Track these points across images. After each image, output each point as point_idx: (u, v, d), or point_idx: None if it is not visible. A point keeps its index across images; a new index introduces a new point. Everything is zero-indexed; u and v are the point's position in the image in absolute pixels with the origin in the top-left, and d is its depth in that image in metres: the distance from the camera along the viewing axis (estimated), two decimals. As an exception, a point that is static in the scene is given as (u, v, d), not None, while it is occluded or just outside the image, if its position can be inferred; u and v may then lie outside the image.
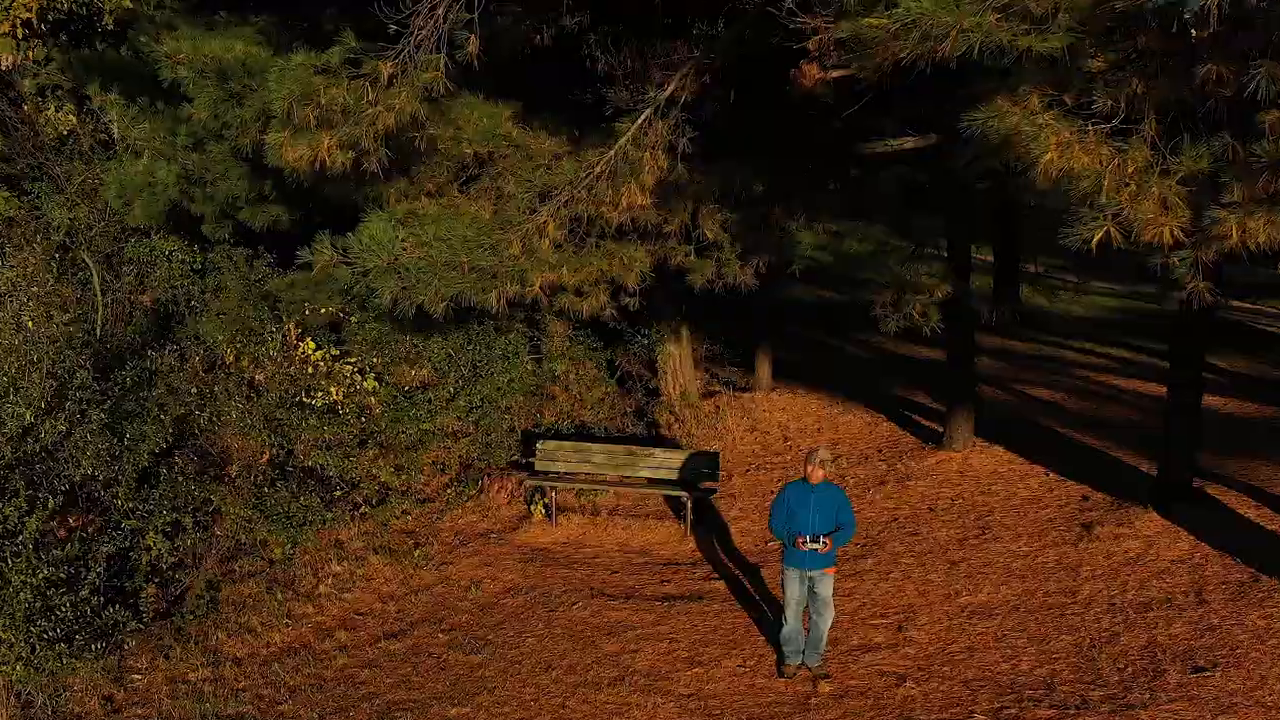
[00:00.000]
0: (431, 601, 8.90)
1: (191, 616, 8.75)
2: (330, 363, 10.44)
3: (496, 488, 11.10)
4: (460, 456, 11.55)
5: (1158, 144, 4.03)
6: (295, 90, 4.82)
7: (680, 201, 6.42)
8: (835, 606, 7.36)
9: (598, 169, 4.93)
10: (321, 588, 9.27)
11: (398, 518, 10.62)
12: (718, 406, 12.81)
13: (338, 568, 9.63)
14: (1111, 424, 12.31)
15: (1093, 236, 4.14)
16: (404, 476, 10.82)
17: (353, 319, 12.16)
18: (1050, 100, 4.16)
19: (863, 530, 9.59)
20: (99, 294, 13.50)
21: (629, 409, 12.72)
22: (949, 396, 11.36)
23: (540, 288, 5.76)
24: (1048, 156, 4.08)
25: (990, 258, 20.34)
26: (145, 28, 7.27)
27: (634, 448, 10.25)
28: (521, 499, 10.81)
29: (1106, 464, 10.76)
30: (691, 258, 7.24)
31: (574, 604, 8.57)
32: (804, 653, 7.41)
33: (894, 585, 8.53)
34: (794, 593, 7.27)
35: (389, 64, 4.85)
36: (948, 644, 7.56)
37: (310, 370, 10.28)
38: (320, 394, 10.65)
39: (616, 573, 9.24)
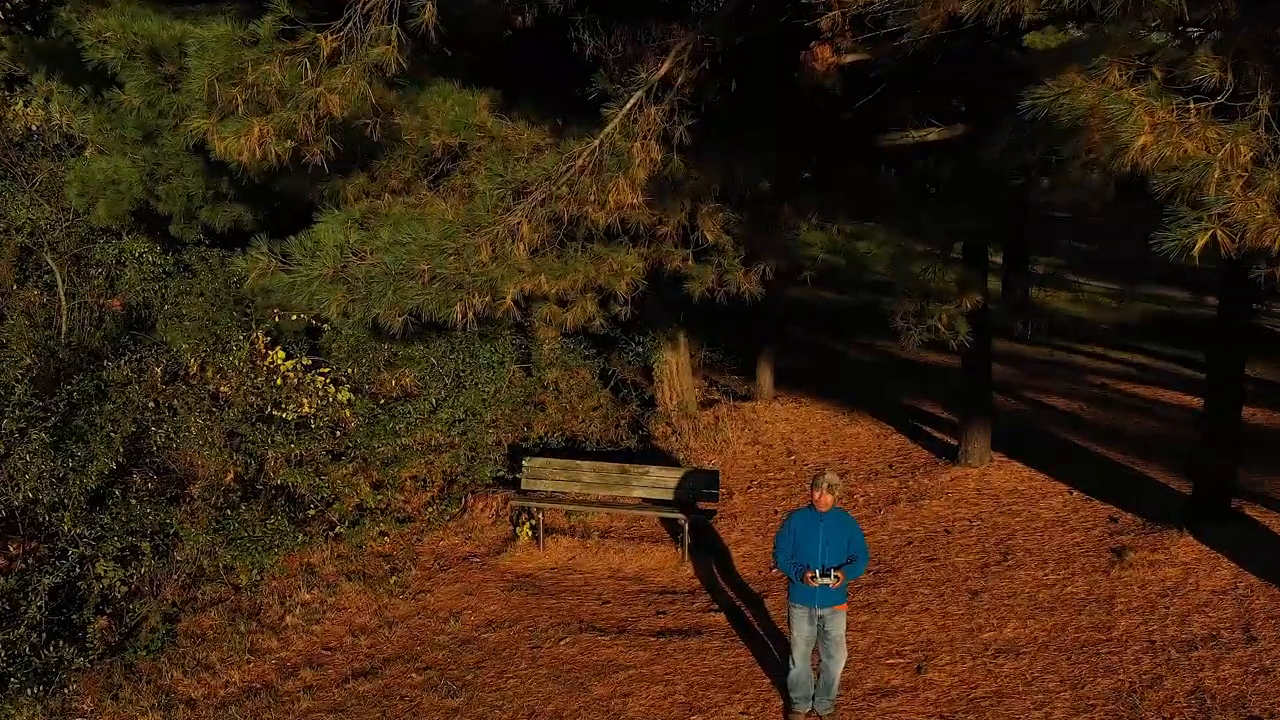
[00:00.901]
0: (407, 635, 8.17)
1: (144, 652, 8.03)
2: (301, 373, 9.71)
3: (481, 506, 10.38)
4: (444, 472, 10.84)
5: (1272, 125, 3.32)
6: (218, 66, 4.09)
7: (676, 200, 5.70)
8: (847, 643, 6.66)
9: (580, 161, 4.23)
10: (289, 618, 8.55)
11: (374, 539, 9.91)
12: (717, 417, 12.11)
13: (307, 595, 8.91)
14: (1135, 436, 11.60)
15: (1195, 242, 3.38)
16: (382, 494, 10.11)
17: (327, 325, 11.45)
18: (1136, 73, 3.44)
19: (875, 555, 8.87)
20: (62, 298, 12.79)
21: (623, 420, 12.00)
22: (964, 408, 10.65)
23: (515, 299, 5.05)
24: (1140, 141, 3.35)
25: (999, 259, 19.70)
26: (73, 3, 6.55)
27: (627, 465, 9.53)
28: (507, 518, 10.09)
29: (1133, 480, 10.06)
30: (690, 263, 6.53)
31: (561, 639, 7.85)
32: (814, 699, 6.70)
33: (911, 619, 7.82)
34: (802, 632, 6.57)
35: (331, 37, 4.12)
36: (972, 688, 6.85)
37: (280, 381, 9.55)
38: (291, 406, 9.92)
39: (608, 603, 8.52)
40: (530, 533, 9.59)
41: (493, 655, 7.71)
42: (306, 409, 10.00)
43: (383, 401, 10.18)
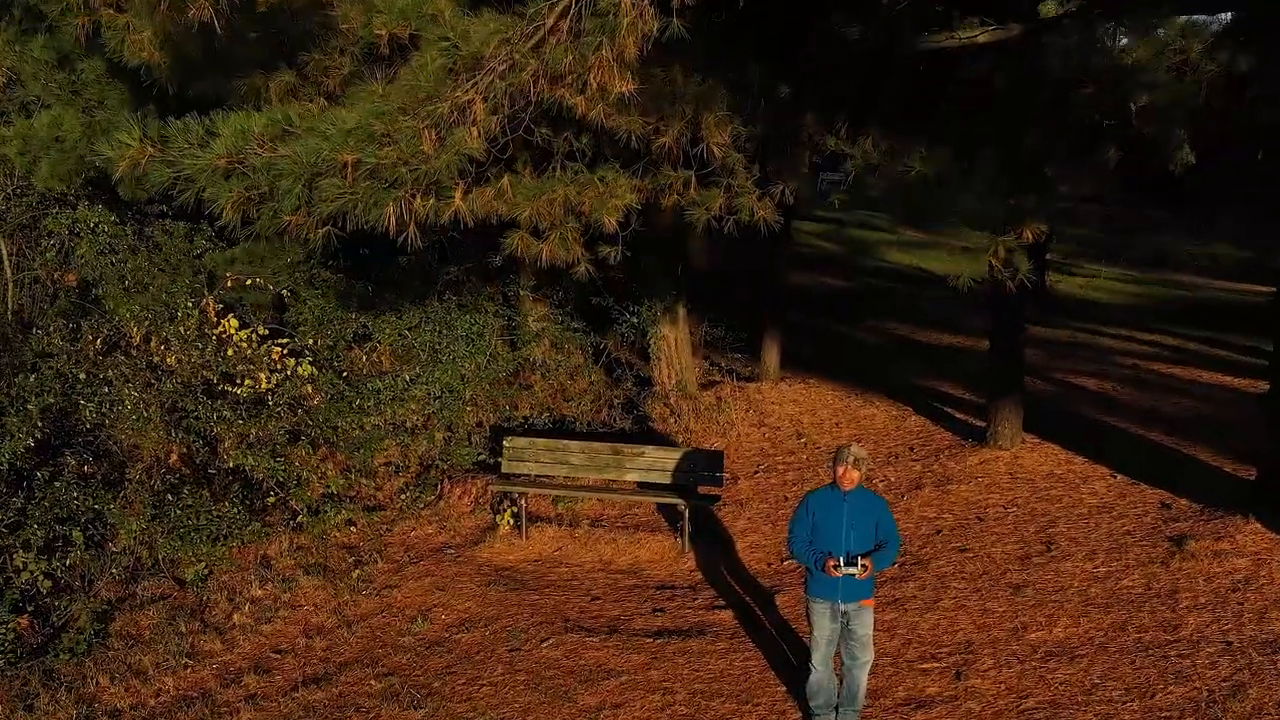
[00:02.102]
0: (368, 636, 7.16)
1: (68, 655, 7.02)
2: (256, 344, 8.69)
3: (459, 493, 9.38)
4: (420, 457, 9.84)
5: None
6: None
7: (676, 106, 4.71)
8: (874, 645, 5.67)
9: (550, 20, 3.27)
10: (236, 617, 7.55)
11: (340, 529, 8.91)
12: (719, 398, 11.10)
13: (259, 591, 7.90)
14: (1176, 417, 10.62)
15: None
16: (350, 480, 9.11)
17: (288, 293, 10.45)
18: None
19: (906, 545, 7.88)
20: (9, 272, 11.78)
21: (616, 400, 11.00)
22: (993, 386, 9.65)
23: (476, 214, 4.07)
24: None
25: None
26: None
27: (620, 446, 8.53)
28: (487, 505, 9.09)
29: (1181, 463, 9.07)
30: (693, 190, 5.52)
31: (544, 641, 6.84)
32: (838, 709, 5.71)
33: (945, 617, 6.82)
34: (823, 631, 5.57)
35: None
36: (1022, 697, 5.85)
37: (231, 353, 8.53)
38: (247, 381, 8.90)
39: (598, 599, 7.52)
40: (512, 521, 8.58)
41: (464, 659, 6.71)
42: (264, 384, 8.99)
43: (346, 375, 9.17)
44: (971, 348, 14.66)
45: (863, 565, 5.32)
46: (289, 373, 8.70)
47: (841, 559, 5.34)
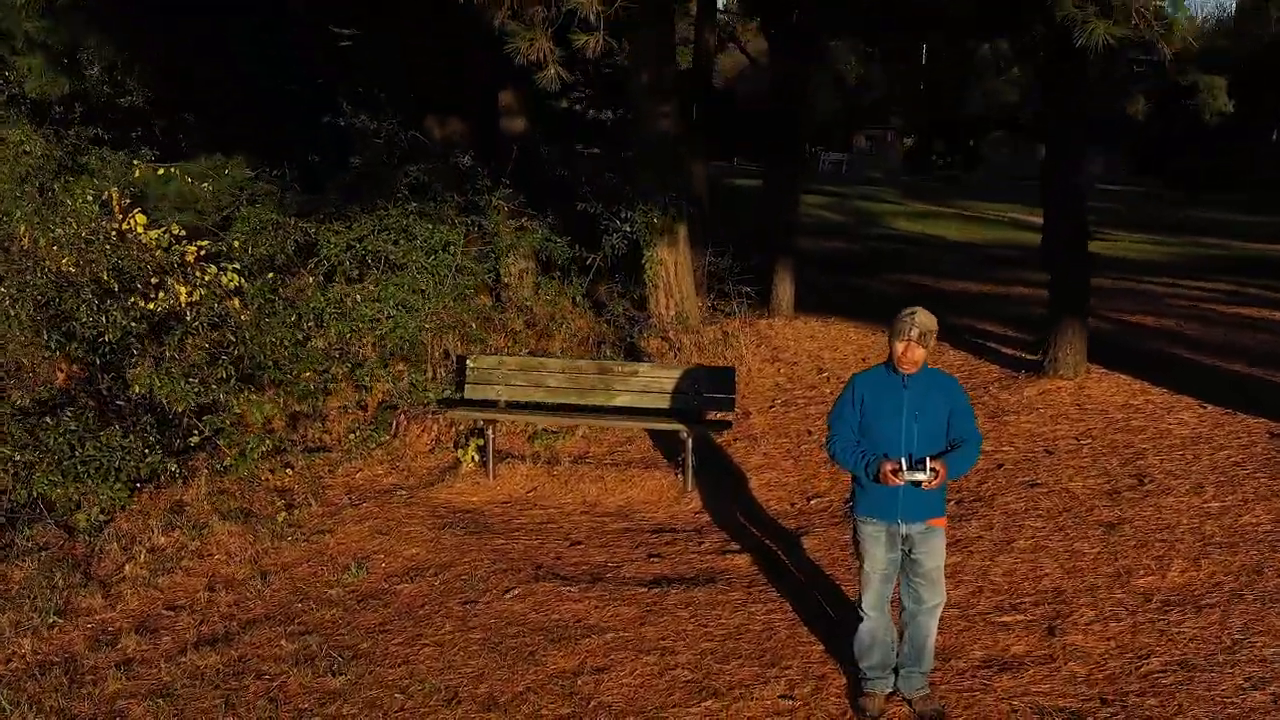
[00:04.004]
0: (287, 588, 5.66)
1: (-96, 614, 5.53)
2: (168, 244, 7.17)
3: (418, 431, 7.88)
4: (376, 393, 8.33)
5: None
6: None
7: None
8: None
9: None
10: (129, 568, 6.05)
11: (274, 472, 7.42)
12: (726, 333, 9.58)
13: (162, 539, 6.40)
14: (1256, 351, 9.15)
15: None
16: (277, 408, 7.61)
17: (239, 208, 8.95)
18: None
19: (957, 481, 6.40)
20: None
21: (607, 339, 9.48)
22: (1054, 307, 8.16)
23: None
24: None
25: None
26: None
27: (608, 363, 7.03)
28: (450, 444, 7.59)
29: (1276, 393, 7.60)
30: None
31: (507, 591, 5.34)
32: (898, 671, 4.22)
33: (1022, 560, 5.32)
34: (877, 563, 4.11)
35: None
36: (1140, 657, 4.35)
37: (135, 252, 7.02)
38: (162, 295, 7.40)
39: (579, 544, 6.02)
40: (476, 457, 7.08)
41: (404, 614, 5.20)
42: (183, 298, 7.48)
43: (279, 283, 7.66)
44: (1001, 294, 13.23)
45: (933, 470, 3.83)
46: (207, 281, 7.18)
47: (904, 463, 3.85)
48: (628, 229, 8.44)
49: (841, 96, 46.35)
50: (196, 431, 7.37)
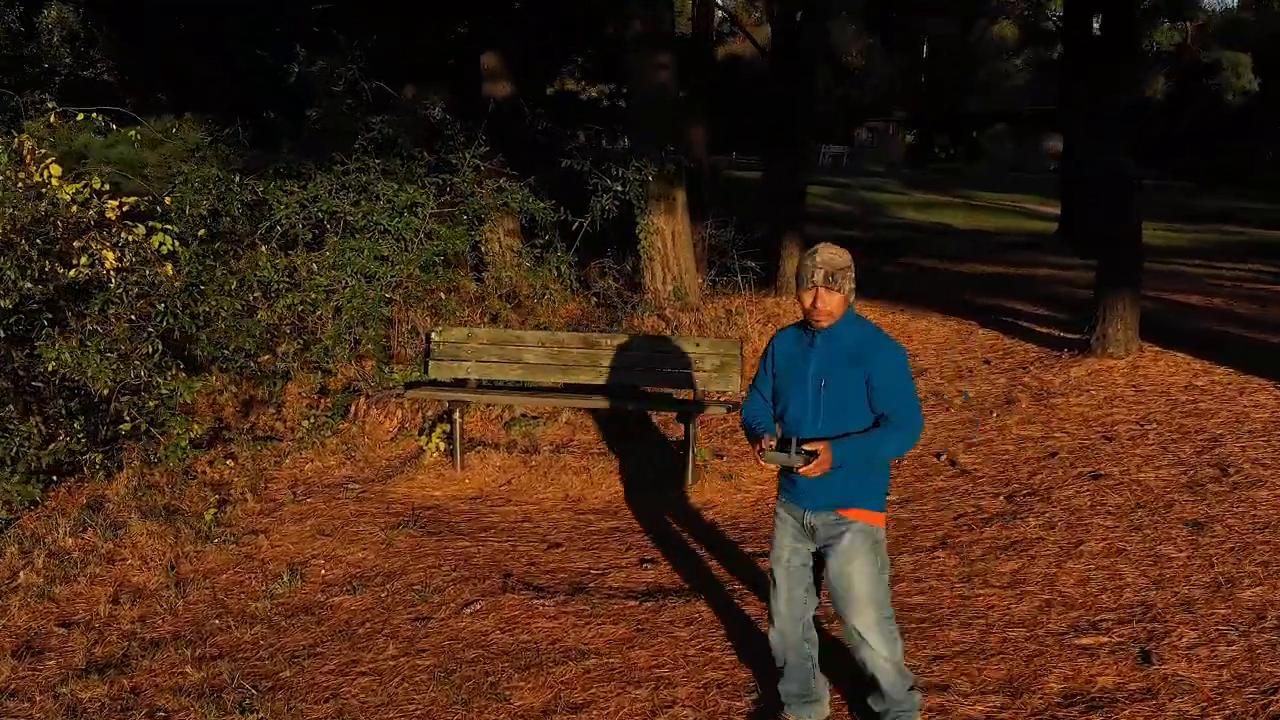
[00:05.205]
0: (206, 601, 4.70)
1: None
2: (85, 199, 6.19)
3: (380, 416, 6.92)
4: (344, 374, 7.38)
5: None
6: None
7: None
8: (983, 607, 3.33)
9: None
10: (24, 575, 5.07)
11: (212, 464, 6.46)
12: (729, 311, 8.64)
13: (68, 541, 5.43)
14: (1321, 330, 8.22)
15: None
16: (229, 392, 6.67)
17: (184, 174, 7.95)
18: None
19: (1006, 470, 5.46)
20: None
21: (597, 318, 8.53)
22: (1103, 279, 7.22)
23: None
24: None
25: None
26: None
27: (595, 335, 6.06)
28: (415, 431, 6.63)
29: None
30: None
31: (468, 605, 4.38)
32: (806, 702, 3.27)
33: (1096, 566, 4.37)
34: (780, 551, 3.25)
35: None
36: (1265, 692, 3.41)
37: (45, 207, 6.05)
38: (83, 259, 6.44)
39: (557, 546, 5.06)
40: (442, 445, 6.12)
41: (340, 634, 4.24)
42: (110, 263, 6.51)
43: (230, 251, 6.70)
44: (1024, 275, 12.31)
45: (804, 453, 2.93)
46: (132, 241, 6.22)
47: (793, 440, 2.97)
48: (619, 188, 7.47)
49: (843, 87, 45.48)
50: (129, 417, 6.42)
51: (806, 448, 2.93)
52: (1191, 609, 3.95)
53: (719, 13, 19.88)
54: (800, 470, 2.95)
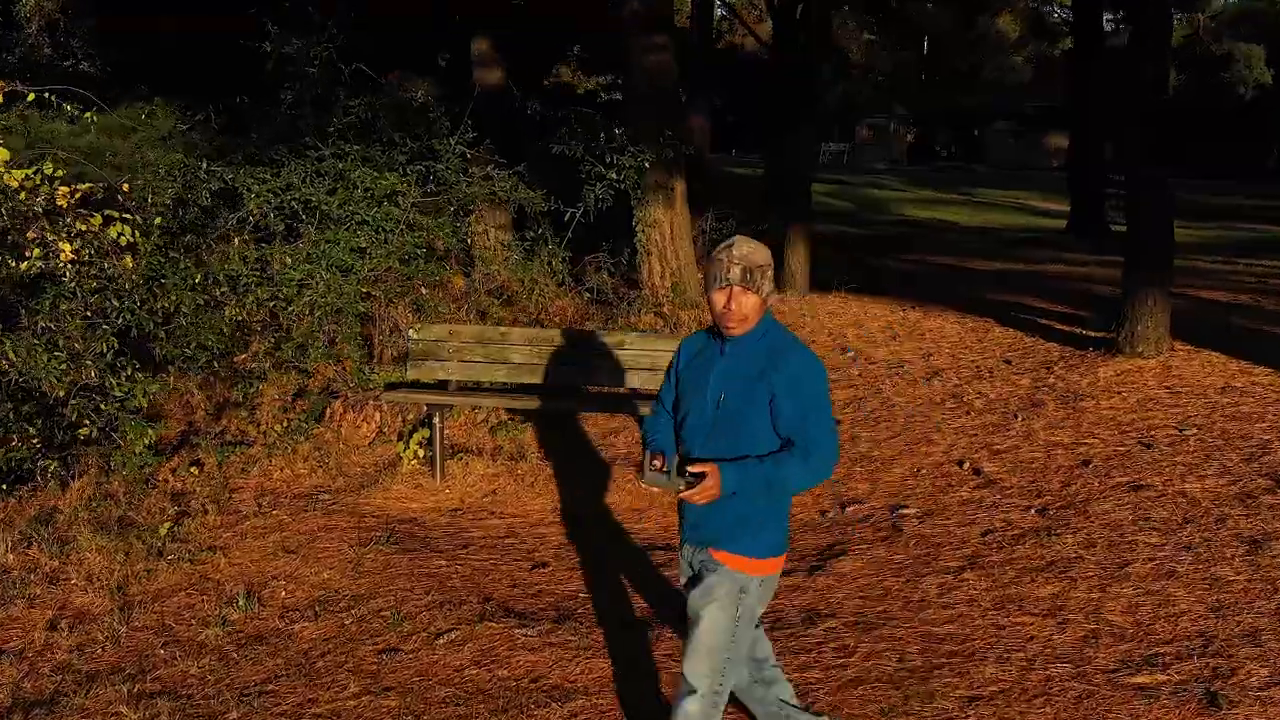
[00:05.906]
0: (153, 627, 4.23)
1: None
2: (35, 185, 5.71)
3: (357, 420, 6.45)
4: (320, 375, 6.92)
5: None
6: None
7: None
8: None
9: None
10: (-43, 598, 4.60)
11: (175, 472, 6.00)
12: (731, 308, 8.15)
13: (11, 557, 4.96)
14: (1358, 328, 7.76)
15: None
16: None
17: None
18: None
19: (1036, 480, 4.99)
20: None
21: (592, 316, 8.06)
22: (1132, 275, 6.76)
23: None
24: None
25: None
26: None
27: (587, 331, 5.59)
28: (393, 437, 6.16)
29: None
30: None
31: (441, 635, 3.91)
32: None
33: (1145, 591, 3.90)
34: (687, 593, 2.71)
35: None
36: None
37: (14, 202, 5.57)
38: (36, 251, 5.96)
39: (545, 565, 4.59)
40: (421, 453, 5.65)
41: (297, 667, 3.77)
42: (66, 255, 6.03)
43: (197, 243, 6.23)
44: (1036, 271, 11.86)
45: (689, 477, 2.43)
46: (84, 231, 5.74)
47: (673, 460, 2.52)
48: (614, 176, 7.00)
49: (845, 82, 45.05)
50: (89, 421, 5.94)
51: (692, 469, 2.43)
52: (1259, 641, 3.49)
53: (718, 11, 19.46)
54: (682, 495, 2.45)
